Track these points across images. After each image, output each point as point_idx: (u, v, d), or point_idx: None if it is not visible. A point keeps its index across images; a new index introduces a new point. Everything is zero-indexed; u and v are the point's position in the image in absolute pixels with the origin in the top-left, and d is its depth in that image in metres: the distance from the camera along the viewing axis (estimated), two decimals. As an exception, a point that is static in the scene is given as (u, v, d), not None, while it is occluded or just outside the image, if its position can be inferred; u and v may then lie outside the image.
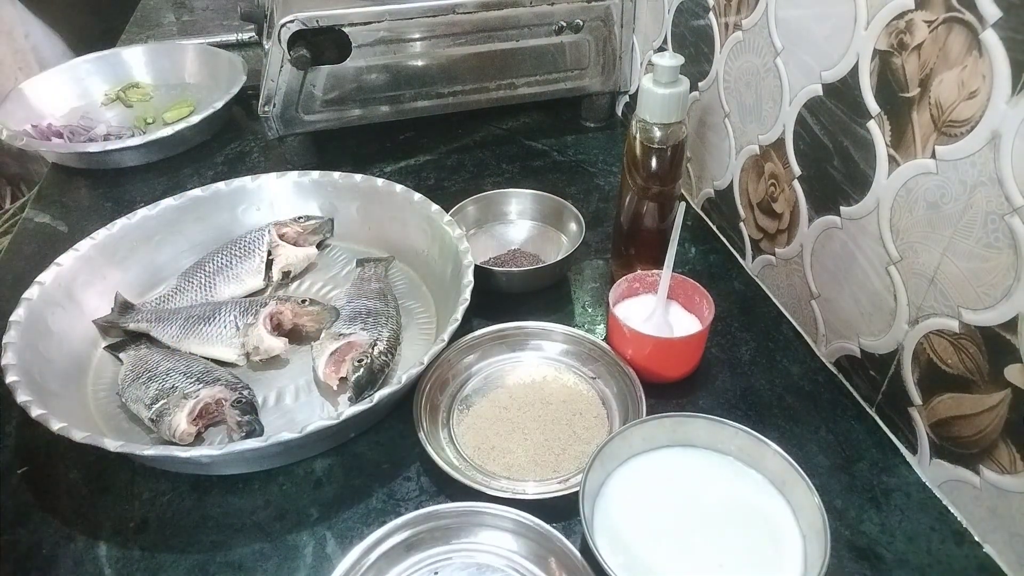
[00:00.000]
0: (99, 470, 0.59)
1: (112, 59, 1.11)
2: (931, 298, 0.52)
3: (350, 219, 0.80)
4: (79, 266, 0.68)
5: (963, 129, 0.47)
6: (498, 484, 0.55)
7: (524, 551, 0.51)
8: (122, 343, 0.67)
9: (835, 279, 0.63)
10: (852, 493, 0.56)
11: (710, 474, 0.54)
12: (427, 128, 1.00)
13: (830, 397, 0.64)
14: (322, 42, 0.84)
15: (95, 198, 0.91)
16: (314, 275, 0.77)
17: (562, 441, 0.59)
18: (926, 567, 0.51)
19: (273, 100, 0.87)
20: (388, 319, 0.67)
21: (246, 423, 0.58)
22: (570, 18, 0.91)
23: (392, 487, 0.58)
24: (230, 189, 0.78)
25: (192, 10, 1.40)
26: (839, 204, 0.60)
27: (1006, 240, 0.45)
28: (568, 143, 1.00)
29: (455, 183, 0.92)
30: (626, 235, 0.72)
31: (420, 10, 0.85)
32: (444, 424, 0.61)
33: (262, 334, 0.64)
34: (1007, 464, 0.48)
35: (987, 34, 0.44)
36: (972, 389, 0.50)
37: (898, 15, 0.50)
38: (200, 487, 0.58)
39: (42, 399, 0.55)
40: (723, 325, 0.70)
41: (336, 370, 0.62)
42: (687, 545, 0.50)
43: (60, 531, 0.55)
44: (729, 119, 0.75)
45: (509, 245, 0.79)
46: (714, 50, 0.75)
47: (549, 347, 0.67)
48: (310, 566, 0.53)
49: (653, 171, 0.66)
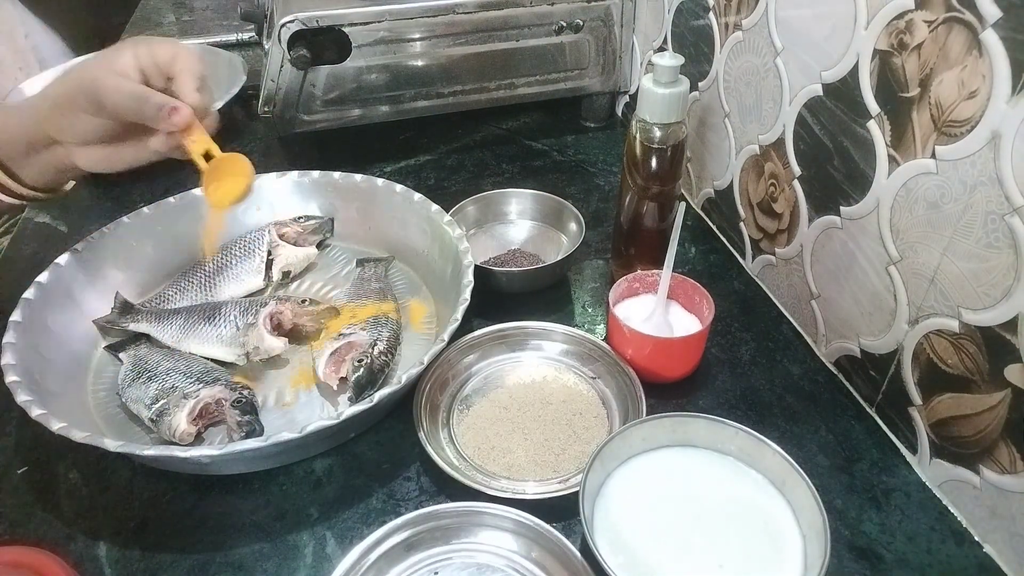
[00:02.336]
0: (99, 470, 0.59)
1: (112, 59, 1.11)
2: (931, 298, 0.52)
3: (350, 219, 0.80)
4: (79, 266, 0.68)
5: (963, 129, 0.47)
6: (498, 484, 0.55)
7: (524, 551, 0.51)
8: (122, 343, 0.67)
9: (835, 279, 0.63)
10: (852, 493, 0.56)
11: (710, 474, 0.54)
12: (427, 128, 1.00)
13: (830, 397, 0.64)
14: (322, 42, 0.84)
15: (95, 198, 0.91)
16: (314, 275, 0.77)
17: (562, 441, 0.59)
18: (926, 567, 0.51)
19: (273, 100, 0.87)
20: (388, 319, 0.67)
21: (246, 423, 0.58)
22: (570, 18, 0.91)
23: (392, 487, 0.58)
24: (230, 189, 0.78)
25: (192, 10, 1.40)
26: (839, 204, 0.60)
27: (1006, 240, 0.45)
28: (568, 143, 1.00)
29: (455, 183, 0.92)
30: (626, 235, 0.72)
31: (420, 10, 0.85)
32: (444, 424, 0.61)
33: (262, 334, 0.64)
34: (1007, 464, 0.48)
35: (987, 34, 0.44)
36: (972, 389, 0.50)
37: (898, 15, 0.50)
38: (200, 487, 0.58)
39: (42, 399, 0.55)
40: (723, 325, 0.70)
41: (336, 370, 0.62)
42: (687, 545, 0.50)
43: (60, 531, 0.55)
44: (729, 119, 0.75)
45: (509, 245, 0.79)
46: (714, 50, 0.75)
47: (549, 347, 0.67)
48: (310, 566, 0.53)
49: (653, 171, 0.66)
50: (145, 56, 0.57)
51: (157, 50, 0.57)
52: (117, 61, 0.56)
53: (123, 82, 0.55)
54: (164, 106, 0.54)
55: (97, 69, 0.55)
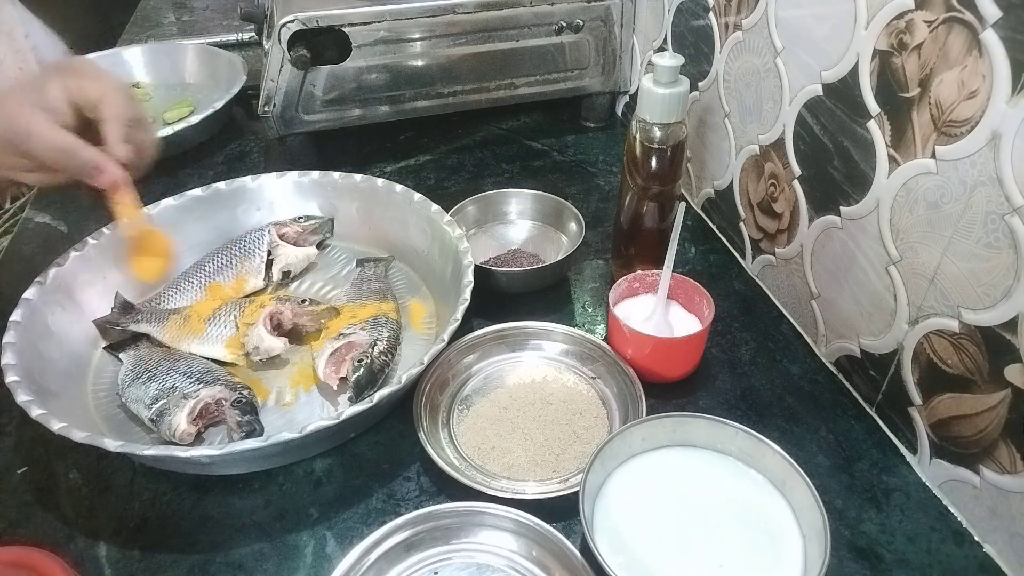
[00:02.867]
0: (99, 470, 0.59)
1: (112, 59, 1.11)
2: (931, 298, 0.52)
3: (350, 219, 0.80)
4: (79, 266, 0.68)
5: (963, 129, 0.47)
6: (498, 484, 0.55)
7: (524, 551, 0.51)
8: (122, 343, 0.67)
9: (835, 279, 0.63)
10: (852, 493, 0.56)
11: (710, 474, 0.54)
12: (427, 128, 1.00)
13: (830, 397, 0.64)
14: (322, 42, 0.84)
15: (95, 198, 0.90)
16: (314, 275, 0.77)
17: (562, 441, 0.59)
18: (926, 567, 0.51)
19: (273, 100, 0.87)
20: (388, 319, 0.67)
21: (246, 423, 0.58)
22: (570, 18, 0.91)
23: (392, 487, 0.58)
24: (230, 189, 0.78)
25: (192, 10, 1.40)
26: (839, 204, 0.60)
27: (1006, 240, 0.45)
28: (568, 143, 1.00)
29: (455, 183, 0.92)
30: (626, 235, 0.72)
31: (420, 10, 0.85)
32: (444, 424, 0.61)
33: (262, 334, 0.64)
34: (1007, 464, 0.48)
35: (987, 34, 0.44)
36: (972, 389, 0.50)
37: (898, 15, 0.50)
38: (200, 487, 0.58)
39: (42, 399, 0.55)
40: (723, 325, 0.70)
41: (336, 370, 0.62)
42: (687, 545, 0.50)
43: (60, 531, 0.55)
44: (729, 119, 0.75)
45: (509, 245, 0.79)
46: (714, 50, 0.75)
47: (549, 347, 0.67)
48: (310, 566, 0.53)
49: (653, 171, 0.66)
50: (75, 91, 0.55)
51: (87, 88, 0.56)
52: (46, 95, 0.54)
53: (52, 134, 0.54)
54: (90, 163, 0.54)
55: (25, 109, 0.54)
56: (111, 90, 0.57)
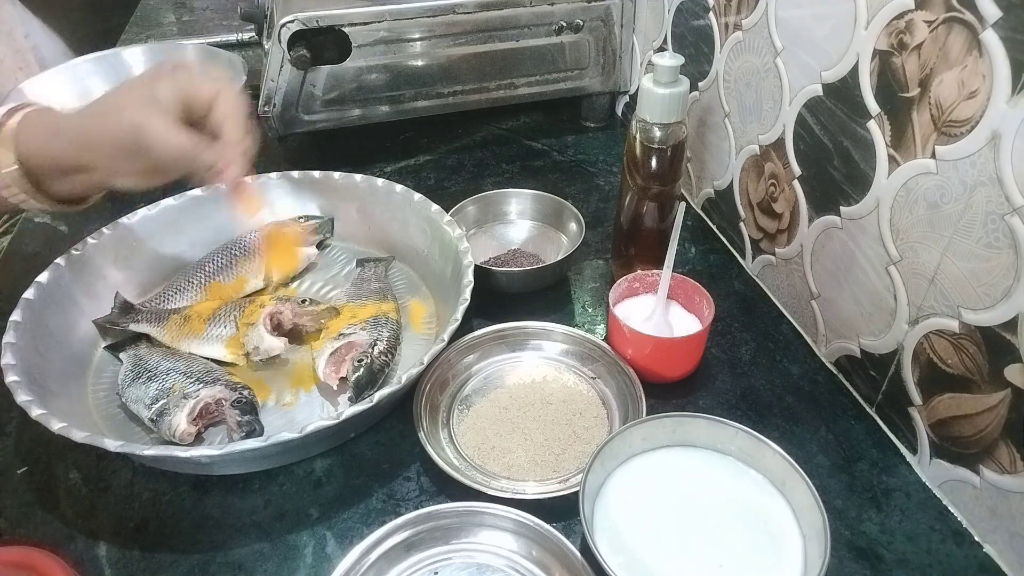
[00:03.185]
0: (99, 470, 0.59)
1: (112, 59, 1.11)
2: (931, 298, 0.52)
3: (350, 219, 0.80)
4: (79, 266, 0.68)
5: (963, 129, 0.47)
6: (498, 484, 0.55)
7: (524, 551, 0.51)
8: (122, 343, 0.67)
9: (835, 279, 0.63)
10: (852, 493, 0.56)
11: (710, 474, 0.54)
12: (427, 128, 1.00)
13: (830, 397, 0.64)
14: (322, 42, 0.84)
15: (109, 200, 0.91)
16: (314, 275, 0.77)
17: (562, 441, 0.59)
18: (926, 567, 0.51)
19: (273, 100, 0.87)
20: (388, 319, 0.67)
21: (246, 423, 0.58)
22: (570, 18, 0.91)
23: (392, 487, 0.58)
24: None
25: (192, 10, 1.40)
26: (839, 204, 0.60)
27: (1006, 240, 0.45)
28: (568, 143, 1.00)
29: (455, 183, 0.92)
30: (626, 235, 0.72)
31: (420, 10, 0.85)
32: (444, 424, 0.61)
33: (262, 334, 0.64)
34: (1007, 464, 0.48)
35: (987, 34, 0.44)
36: (972, 389, 0.50)
37: (898, 15, 0.50)
38: (200, 487, 0.58)
39: (42, 399, 0.55)
40: (723, 325, 0.70)
41: (336, 370, 0.62)
42: (687, 545, 0.50)
43: (60, 531, 0.55)
44: (729, 119, 0.75)
45: (509, 245, 0.79)
46: (714, 50, 0.75)
47: (549, 347, 0.67)
48: (310, 566, 0.53)
49: (653, 171, 0.66)
50: (187, 89, 0.54)
51: (200, 85, 0.55)
52: (158, 95, 0.53)
53: (176, 138, 0.53)
54: (214, 166, 0.53)
55: (140, 107, 0.53)
56: (225, 85, 0.56)
